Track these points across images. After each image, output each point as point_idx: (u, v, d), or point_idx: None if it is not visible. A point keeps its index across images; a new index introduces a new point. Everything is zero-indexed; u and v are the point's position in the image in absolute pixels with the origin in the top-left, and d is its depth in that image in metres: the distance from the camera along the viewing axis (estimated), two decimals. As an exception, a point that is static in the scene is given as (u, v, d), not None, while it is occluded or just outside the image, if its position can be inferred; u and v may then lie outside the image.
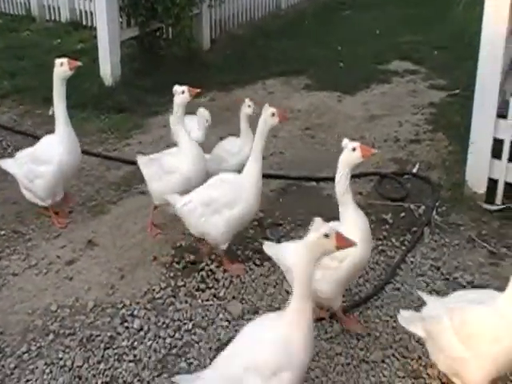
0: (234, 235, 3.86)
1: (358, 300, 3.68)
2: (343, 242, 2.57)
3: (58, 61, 4.13)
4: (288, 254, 3.28)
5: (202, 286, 3.84)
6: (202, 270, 3.98)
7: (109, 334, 3.47)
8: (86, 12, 9.04)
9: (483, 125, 4.57)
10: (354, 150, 3.14)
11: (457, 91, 6.87)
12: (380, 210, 4.61)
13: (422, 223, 4.45)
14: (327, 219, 2.71)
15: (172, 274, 3.94)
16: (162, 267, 4.01)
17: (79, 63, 4.17)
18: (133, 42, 7.53)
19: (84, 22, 9.08)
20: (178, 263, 4.04)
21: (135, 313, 3.62)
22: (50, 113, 5.97)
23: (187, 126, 4.32)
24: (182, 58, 7.61)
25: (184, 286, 3.84)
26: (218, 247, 3.88)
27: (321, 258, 2.57)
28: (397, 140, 5.85)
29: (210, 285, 3.85)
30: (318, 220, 2.59)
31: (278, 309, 3.62)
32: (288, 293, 3.76)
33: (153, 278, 3.91)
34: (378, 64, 7.92)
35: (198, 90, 4.12)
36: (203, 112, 4.77)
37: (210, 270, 3.97)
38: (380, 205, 4.69)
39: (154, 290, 3.80)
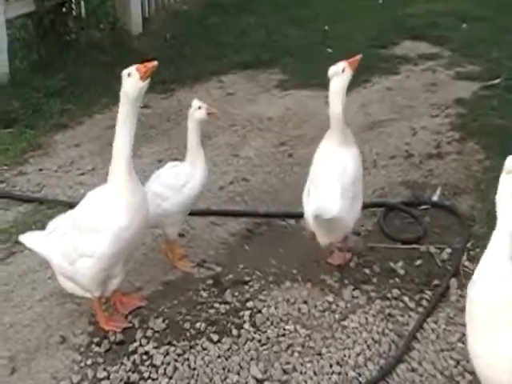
0: None
1: (357, 388, 3.73)
2: None
3: (125, 72, 3.89)
4: None
5: (134, 376, 3.82)
6: (134, 352, 3.97)
7: None
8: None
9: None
10: None
11: (497, 81, 7.06)
12: (386, 256, 4.69)
13: (447, 274, 4.53)
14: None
15: (89, 362, 3.91)
16: (75, 352, 3.98)
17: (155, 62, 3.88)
18: (27, 21, 7.55)
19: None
20: (98, 345, 4.03)
21: (34, 423, 3.60)
22: None
23: None
24: (102, 46, 7.70)
25: (107, 378, 3.81)
26: None
27: None
28: (409, 155, 5.99)
29: (146, 374, 3.83)
30: None
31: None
32: (258, 381, 3.80)
33: (61, 370, 3.87)
34: (381, 47, 8.13)
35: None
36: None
37: (146, 353, 3.96)
38: (386, 249, 4.78)
39: (62, 386, 3.79)
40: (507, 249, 3.30)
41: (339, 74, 4.41)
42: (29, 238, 4.24)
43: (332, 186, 4.30)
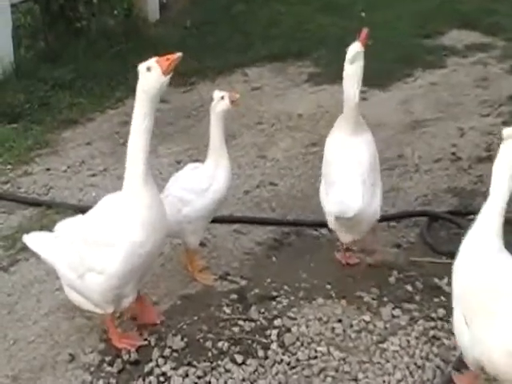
0: None
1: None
2: None
3: (143, 66, 3.75)
4: None
5: (150, 400, 3.84)
6: (150, 373, 3.96)
7: None
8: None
9: None
10: None
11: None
12: (430, 271, 4.65)
13: (499, 291, 4.49)
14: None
15: (101, 383, 3.91)
16: (85, 371, 3.99)
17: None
18: (33, 6, 7.60)
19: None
20: (110, 364, 4.02)
21: None
22: None
23: None
24: (115, 34, 7.74)
25: (120, 401, 3.84)
26: None
27: None
28: (456, 159, 5.96)
29: (163, 399, 3.85)
30: None
31: None
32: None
33: (69, 391, 3.90)
34: (425, 37, 8.12)
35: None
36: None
37: (163, 374, 3.95)
38: (430, 263, 4.74)
39: (70, 410, 3.80)
40: (496, 224, 3.36)
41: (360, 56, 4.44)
42: (34, 240, 4.22)
43: (351, 181, 4.37)
